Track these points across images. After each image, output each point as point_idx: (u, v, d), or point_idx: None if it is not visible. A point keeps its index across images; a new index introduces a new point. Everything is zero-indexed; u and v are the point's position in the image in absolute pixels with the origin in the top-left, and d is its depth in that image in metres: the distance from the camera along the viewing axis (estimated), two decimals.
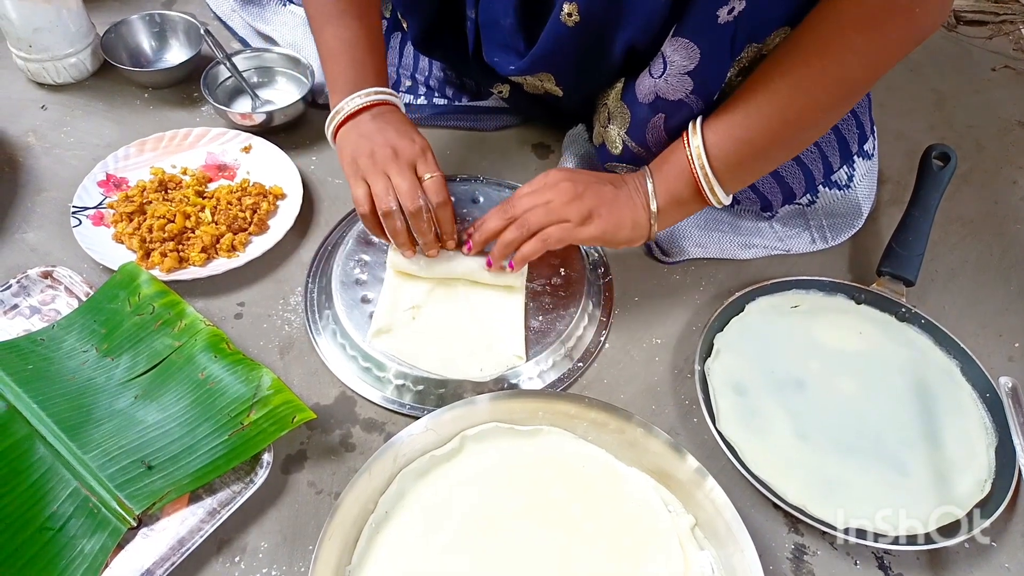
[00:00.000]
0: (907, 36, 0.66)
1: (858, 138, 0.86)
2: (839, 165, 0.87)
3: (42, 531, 0.62)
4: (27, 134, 0.99)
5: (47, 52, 1.01)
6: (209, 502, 0.66)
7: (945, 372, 0.78)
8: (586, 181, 0.75)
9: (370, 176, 0.74)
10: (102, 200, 0.89)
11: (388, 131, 0.76)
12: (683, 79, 0.72)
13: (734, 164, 0.72)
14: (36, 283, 0.80)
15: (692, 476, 0.65)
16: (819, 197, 0.89)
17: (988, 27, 1.32)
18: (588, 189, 0.74)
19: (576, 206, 0.73)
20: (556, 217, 0.73)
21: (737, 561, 0.61)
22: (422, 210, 0.73)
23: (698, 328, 0.81)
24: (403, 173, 0.74)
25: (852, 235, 0.92)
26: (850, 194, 0.88)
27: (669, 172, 0.75)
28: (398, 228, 0.74)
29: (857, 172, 0.88)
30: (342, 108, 0.78)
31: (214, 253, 0.85)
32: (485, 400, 0.69)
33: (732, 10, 0.66)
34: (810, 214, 0.91)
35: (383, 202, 0.73)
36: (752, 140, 0.71)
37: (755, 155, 0.72)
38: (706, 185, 0.72)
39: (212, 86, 1.03)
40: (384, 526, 0.64)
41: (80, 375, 0.72)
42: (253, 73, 1.08)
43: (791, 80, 0.68)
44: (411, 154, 0.75)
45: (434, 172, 0.75)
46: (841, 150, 0.86)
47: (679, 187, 0.74)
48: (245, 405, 0.69)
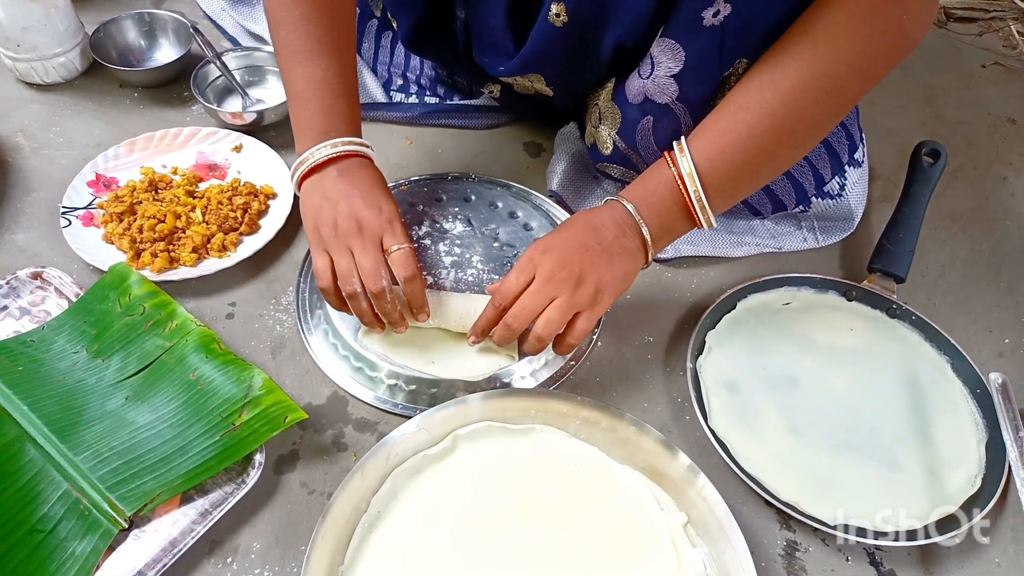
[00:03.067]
0: (895, 45, 0.64)
1: (848, 148, 0.86)
2: (830, 177, 0.87)
3: (33, 533, 0.62)
4: (16, 134, 0.98)
5: (36, 51, 1.00)
6: (201, 503, 0.66)
7: (936, 368, 0.79)
8: (578, 259, 0.68)
9: (332, 250, 0.70)
10: (92, 200, 0.88)
11: (354, 197, 0.71)
12: (669, 82, 0.72)
13: (725, 187, 0.69)
14: (26, 284, 0.79)
15: (684, 474, 0.66)
16: (811, 207, 0.89)
17: (978, 24, 1.33)
18: (584, 267, 0.68)
19: (583, 291, 0.67)
20: (570, 314, 0.67)
21: (729, 558, 0.61)
22: (385, 291, 0.68)
23: (690, 326, 0.81)
24: (366, 250, 0.69)
25: (844, 238, 0.92)
26: (842, 202, 0.89)
27: (657, 203, 0.70)
28: (363, 308, 0.70)
29: (848, 180, 0.88)
30: (307, 158, 0.72)
31: (205, 253, 0.84)
32: (477, 399, 0.69)
33: (717, 13, 0.66)
34: (802, 218, 0.92)
35: (346, 283, 0.69)
36: (745, 163, 0.68)
37: (748, 176, 0.70)
38: (699, 209, 0.68)
39: (202, 85, 1.03)
40: (377, 526, 0.64)
41: (71, 376, 0.72)
42: (243, 72, 1.07)
43: (782, 94, 0.65)
44: (376, 227, 0.70)
45: (402, 244, 0.70)
46: (832, 162, 0.86)
47: (669, 217, 0.70)
48: (237, 405, 0.68)
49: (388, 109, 1.03)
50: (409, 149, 1.01)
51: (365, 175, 0.74)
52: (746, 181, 0.71)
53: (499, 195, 0.91)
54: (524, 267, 0.69)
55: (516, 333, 0.69)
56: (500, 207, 0.89)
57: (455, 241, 0.85)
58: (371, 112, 1.03)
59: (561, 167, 0.93)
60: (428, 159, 1.00)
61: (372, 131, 1.02)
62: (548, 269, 0.68)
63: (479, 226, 0.87)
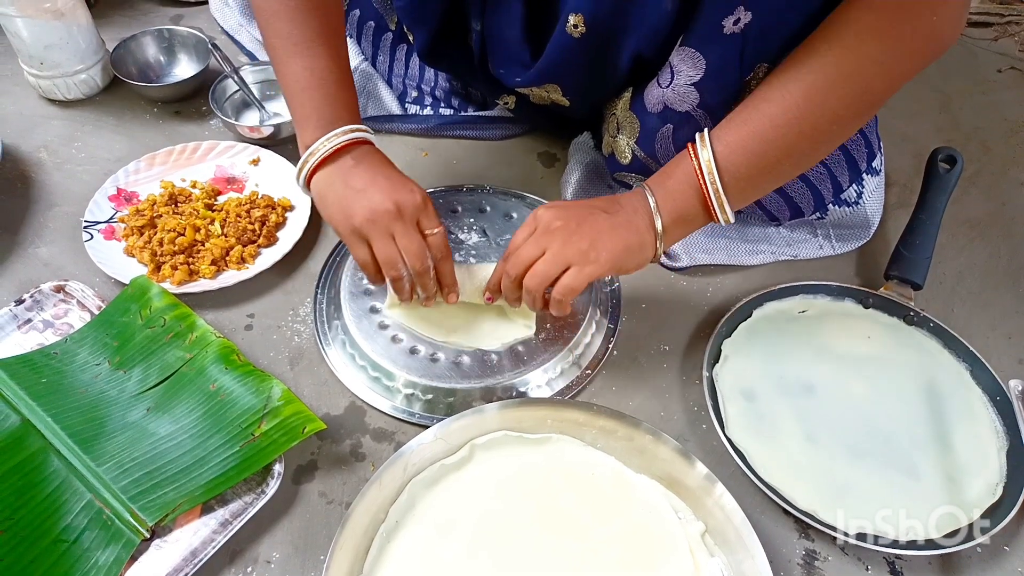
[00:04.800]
0: (925, 47, 0.63)
1: (866, 156, 0.86)
2: (848, 184, 0.86)
3: (57, 543, 0.63)
4: (39, 150, 1.00)
5: (58, 69, 1.02)
6: (221, 513, 0.67)
7: (955, 375, 0.78)
8: (579, 216, 0.69)
9: (375, 239, 0.70)
10: (113, 214, 0.90)
11: (381, 182, 0.70)
12: (689, 90, 0.72)
13: (744, 179, 0.68)
14: (49, 297, 0.81)
15: (701, 482, 0.65)
16: (828, 215, 0.89)
17: (993, 28, 1.32)
18: (583, 224, 0.68)
19: (574, 246, 0.67)
20: (558, 267, 0.68)
21: (748, 567, 0.61)
22: (429, 271, 0.71)
23: (706, 334, 0.81)
24: (408, 233, 0.69)
25: (861, 246, 0.92)
26: (859, 210, 0.88)
27: (674, 188, 0.69)
28: (404, 288, 0.72)
29: (866, 189, 0.88)
30: (318, 148, 0.71)
31: (224, 265, 0.85)
32: (494, 409, 0.70)
33: (738, 21, 0.66)
34: (818, 226, 0.91)
35: (393, 268, 0.70)
36: (765, 153, 0.66)
37: (767, 170, 0.68)
38: (715, 200, 0.67)
39: (220, 100, 1.04)
40: (395, 535, 0.64)
41: (93, 388, 0.73)
42: (261, 86, 1.09)
43: (807, 90, 0.64)
44: (414, 209, 0.70)
45: (437, 227, 0.71)
46: (850, 169, 0.85)
47: (684, 204, 0.69)
48: (256, 416, 0.69)
49: (403, 121, 1.04)
50: (424, 160, 1.02)
51: (381, 159, 0.74)
52: (765, 173, 0.68)
53: (514, 206, 0.91)
54: (529, 223, 0.71)
55: (516, 284, 0.70)
56: (515, 218, 0.90)
57: (470, 251, 0.85)
58: (386, 124, 1.04)
59: (575, 177, 0.94)
60: (443, 170, 1.01)
61: (387, 143, 1.03)
62: (546, 222, 0.69)
63: (494, 236, 0.87)
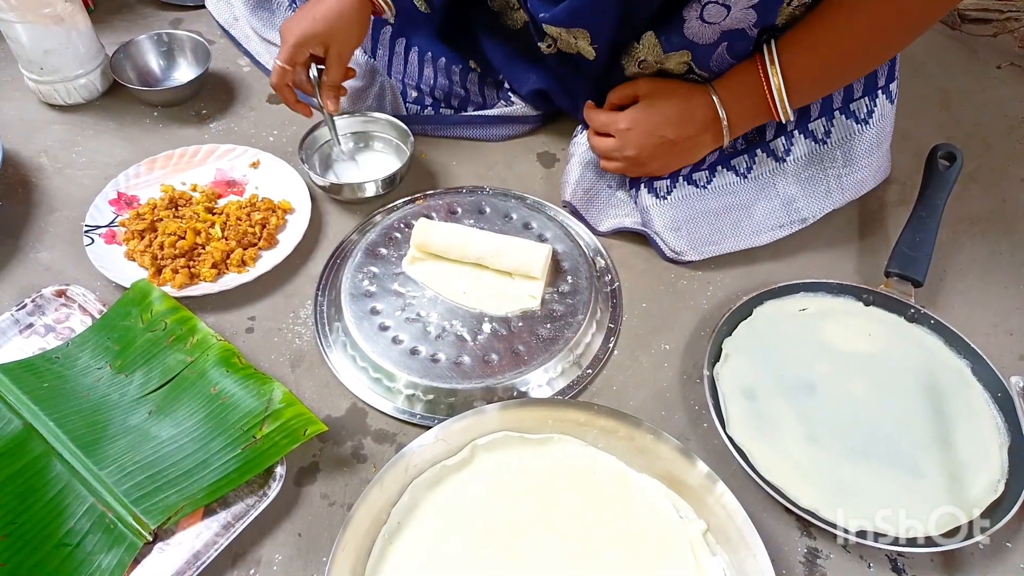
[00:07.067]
0: None
1: (886, 75, 0.85)
2: (860, 94, 0.85)
3: (60, 547, 0.63)
4: (39, 155, 1.00)
5: (58, 73, 1.02)
6: (223, 516, 0.67)
7: (956, 372, 0.78)
8: (650, 140, 0.85)
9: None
10: (114, 218, 0.90)
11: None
12: (748, 12, 0.74)
13: (806, 88, 0.79)
14: (50, 302, 0.81)
15: (703, 481, 0.66)
16: (834, 126, 0.86)
17: (992, 25, 1.32)
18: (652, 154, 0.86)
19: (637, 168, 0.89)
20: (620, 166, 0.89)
21: (750, 566, 0.61)
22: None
23: (706, 333, 0.81)
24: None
25: (868, 191, 0.89)
26: (867, 131, 0.85)
27: (738, 90, 0.81)
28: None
29: (877, 110, 0.85)
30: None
31: (224, 268, 0.85)
32: (495, 409, 0.70)
33: None
34: (825, 154, 0.87)
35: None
36: (826, 67, 0.78)
37: (825, 80, 0.80)
38: (780, 105, 0.79)
39: (312, 147, 0.99)
40: (397, 537, 0.64)
41: (95, 392, 0.73)
42: (350, 138, 1.03)
43: (869, 10, 0.72)
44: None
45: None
46: (866, 79, 0.84)
47: (747, 105, 0.82)
48: (257, 419, 0.69)
49: (403, 121, 1.04)
50: (424, 161, 1.02)
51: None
52: (823, 84, 0.81)
53: (513, 207, 0.91)
54: (610, 123, 0.88)
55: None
56: (514, 219, 0.90)
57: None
58: None
59: (574, 176, 0.94)
60: (443, 171, 1.01)
61: None
62: (618, 145, 0.87)
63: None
